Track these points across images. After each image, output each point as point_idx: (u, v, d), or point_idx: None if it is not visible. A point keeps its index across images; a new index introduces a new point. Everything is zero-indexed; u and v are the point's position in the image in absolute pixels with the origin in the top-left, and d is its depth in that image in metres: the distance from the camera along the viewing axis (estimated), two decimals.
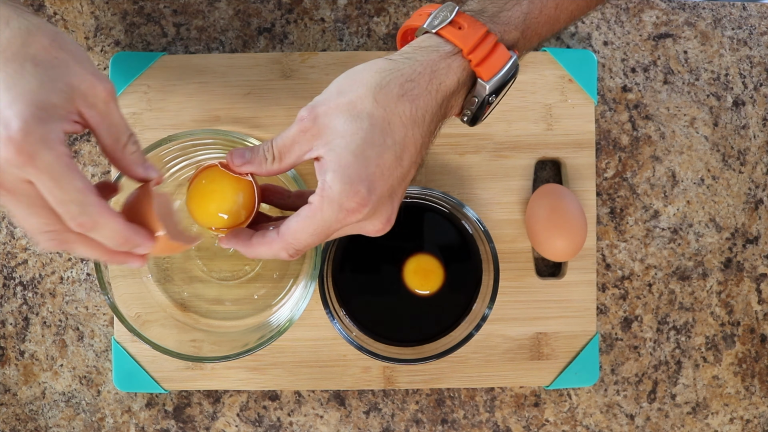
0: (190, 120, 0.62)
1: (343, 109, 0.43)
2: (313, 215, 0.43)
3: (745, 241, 0.65)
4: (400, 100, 0.43)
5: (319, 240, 0.44)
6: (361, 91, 0.43)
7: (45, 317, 0.64)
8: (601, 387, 0.65)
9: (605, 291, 0.65)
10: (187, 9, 0.65)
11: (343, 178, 0.42)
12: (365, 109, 0.43)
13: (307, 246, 0.44)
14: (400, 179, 0.44)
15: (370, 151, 0.42)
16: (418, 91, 0.43)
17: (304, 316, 0.61)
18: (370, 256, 0.60)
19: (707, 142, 0.65)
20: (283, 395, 0.64)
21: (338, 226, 0.44)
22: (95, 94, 0.41)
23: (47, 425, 0.64)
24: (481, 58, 0.44)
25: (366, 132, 0.42)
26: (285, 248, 0.45)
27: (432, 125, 0.45)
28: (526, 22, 0.47)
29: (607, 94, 0.65)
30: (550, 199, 0.60)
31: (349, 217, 0.43)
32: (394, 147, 0.43)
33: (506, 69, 0.45)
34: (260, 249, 0.46)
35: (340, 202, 0.42)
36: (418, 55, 0.44)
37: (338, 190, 0.42)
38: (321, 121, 0.43)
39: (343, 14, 0.65)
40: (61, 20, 0.64)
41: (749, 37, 0.66)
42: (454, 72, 0.44)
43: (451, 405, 0.64)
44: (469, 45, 0.44)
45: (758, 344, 0.65)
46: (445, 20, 0.45)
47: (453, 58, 0.44)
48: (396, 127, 0.43)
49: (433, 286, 0.60)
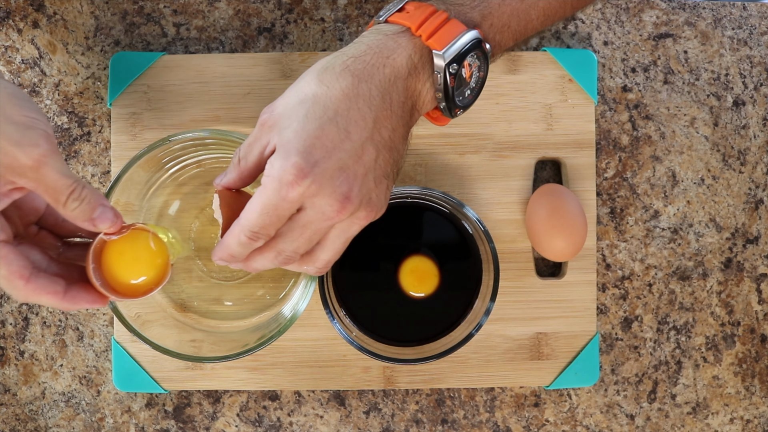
0: (190, 120, 0.62)
1: (293, 96, 0.44)
2: (258, 194, 0.44)
3: (745, 241, 0.65)
4: (342, 75, 0.44)
5: (270, 220, 0.44)
6: (309, 77, 0.45)
7: (45, 317, 0.64)
8: (601, 387, 0.65)
9: (605, 291, 0.65)
10: (187, 9, 0.65)
11: (283, 154, 0.43)
12: (310, 91, 0.44)
13: (261, 227, 0.44)
14: (351, 153, 0.44)
15: (311, 125, 0.43)
16: (362, 66, 0.44)
17: (304, 316, 0.61)
18: (369, 255, 0.60)
19: (707, 142, 0.65)
20: (283, 395, 0.64)
21: (285, 204, 0.43)
22: (20, 165, 0.42)
23: (47, 425, 0.64)
24: (431, 31, 0.45)
25: (307, 110, 0.43)
26: (242, 230, 0.45)
27: (387, 104, 0.45)
28: (485, 5, 0.47)
29: (607, 94, 0.65)
30: (550, 199, 0.60)
31: (290, 192, 0.43)
32: (336, 119, 0.43)
33: (462, 39, 0.45)
34: (228, 240, 0.46)
35: (278, 176, 0.43)
36: (365, 39, 0.46)
37: (278, 166, 0.43)
38: (276, 113, 0.45)
39: (343, 14, 0.65)
40: (61, 20, 0.64)
41: (749, 37, 0.66)
42: (403, 48, 0.45)
43: (451, 405, 0.64)
44: (416, 22, 0.45)
45: (758, 344, 0.65)
46: (394, 9, 0.47)
47: (400, 35, 0.45)
48: (338, 101, 0.44)
49: (428, 289, 0.60)
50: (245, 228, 0.45)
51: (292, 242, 0.46)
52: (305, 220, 0.45)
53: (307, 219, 0.45)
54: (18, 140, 0.42)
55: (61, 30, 0.64)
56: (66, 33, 0.64)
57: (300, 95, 0.44)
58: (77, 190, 0.44)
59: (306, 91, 0.44)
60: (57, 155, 0.43)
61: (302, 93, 0.44)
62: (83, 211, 0.45)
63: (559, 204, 0.60)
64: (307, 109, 0.43)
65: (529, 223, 0.61)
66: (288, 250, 0.46)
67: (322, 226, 0.45)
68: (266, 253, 0.46)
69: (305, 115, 0.43)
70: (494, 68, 0.62)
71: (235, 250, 0.46)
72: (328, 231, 0.46)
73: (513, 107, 0.63)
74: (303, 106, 0.44)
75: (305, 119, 0.43)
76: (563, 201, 0.60)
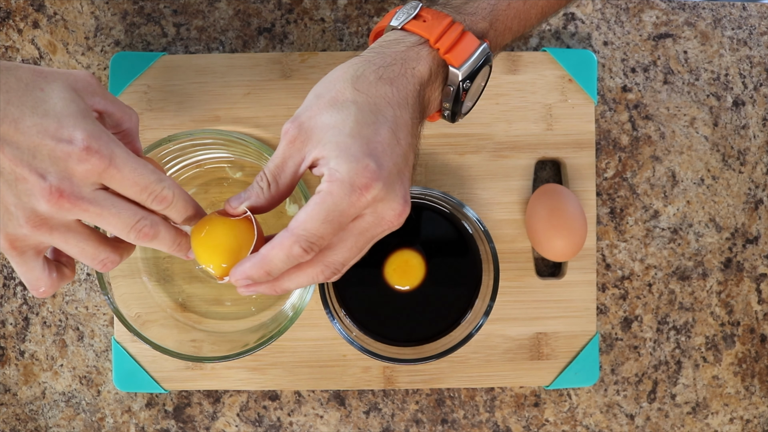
0: (190, 120, 0.62)
1: (326, 107, 0.42)
2: (323, 201, 0.40)
3: (745, 241, 0.65)
4: (379, 83, 0.43)
5: (333, 229, 0.41)
6: (339, 86, 0.43)
7: (45, 317, 0.64)
8: (601, 387, 0.65)
9: (605, 291, 0.65)
10: (187, 9, 0.65)
11: (348, 158, 0.40)
12: (348, 98, 0.42)
13: (320, 237, 0.41)
14: (403, 158, 0.43)
15: (366, 130, 0.41)
16: (394, 75, 0.44)
17: (304, 316, 0.61)
18: (369, 255, 0.60)
19: (707, 142, 0.65)
20: (283, 395, 0.64)
21: (353, 211, 0.41)
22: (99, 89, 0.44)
23: (47, 425, 0.64)
24: (449, 46, 0.45)
25: (355, 115, 0.42)
26: (297, 241, 0.41)
27: (415, 112, 0.45)
28: (493, 14, 0.47)
29: (607, 94, 0.65)
30: (550, 199, 0.60)
31: (363, 197, 0.40)
32: (387, 123, 0.42)
33: (476, 55, 0.45)
34: (273, 254, 0.41)
35: (350, 180, 0.40)
36: (387, 48, 0.45)
37: (346, 170, 0.40)
38: (306, 125, 0.42)
39: (343, 14, 0.65)
40: (61, 20, 0.64)
41: (749, 37, 0.66)
42: (425, 60, 0.45)
43: (451, 405, 0.64)
44: (434, 35, 0.45)
45: (758, 344, 0.65)
46: (410, 16, 0.46)
47: (420, 48, 0.45)
48: (383, 107, 0.43)
49: (414, 281, 0.59)
50: (302, 238, 0.40)
51: (345, 253, 0.43)
52: (363, 227, 0.42)
53: (365, 225, 0.42)
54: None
55: (61, 30, 0.64)
56: (66, 33, 0.64)
57: (335, 104, 0.42)
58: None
59: (342, 99, 0.42)
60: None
61: (338, 102, 0.42)
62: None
63: (559, 204, 0.60)
64: (355, 114, 0.42)
65: (529, 223, 0.61)
66: (338, 263, 0.43)
67: (377, 232, 0.43)
68: (309, 269, 0.43)
69: (356, 121, 0.41)
70: (494, 68, 0.63)
71: (277, 266, 0.42)
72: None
73: (513, 107, 0.63)
74: (346, 112, 0.42)
75: (357, 124, 0.41)
76: (563, 201, 0.60)
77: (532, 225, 0.61)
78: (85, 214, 0.41)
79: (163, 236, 0.43)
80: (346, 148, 0.41)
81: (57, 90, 0.41)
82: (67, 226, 0.42)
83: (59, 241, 0.42)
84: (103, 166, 0.40)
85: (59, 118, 0.40)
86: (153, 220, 0.43)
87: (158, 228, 0.43)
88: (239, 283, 0.43)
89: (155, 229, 0.43)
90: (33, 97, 0.40)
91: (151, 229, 0.42)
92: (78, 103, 0.41)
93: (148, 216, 0.42)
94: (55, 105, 0.40)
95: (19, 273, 0.44)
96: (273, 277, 0.43)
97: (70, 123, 0.40)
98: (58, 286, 0.46)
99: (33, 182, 0.39)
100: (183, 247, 0.45)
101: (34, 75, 0.41)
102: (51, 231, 0.41)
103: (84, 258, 0.43)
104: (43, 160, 0.39)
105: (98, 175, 0.40)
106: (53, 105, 0.40)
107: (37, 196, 0.40)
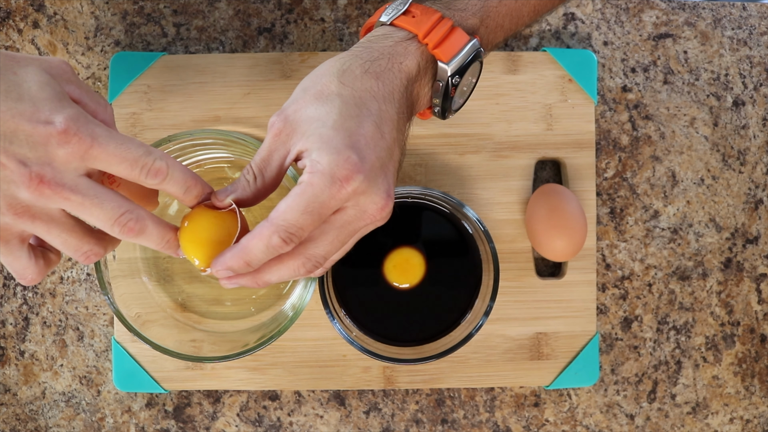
0: (190, 120, 0.62)
1: (312, 100, 0.42)
2: (303, 191, 0.40)
3: (745, 241, 0.65)
4: (365, 77, 0.43)
5: (312, 220, 0.41)
6: (325, 79, 0.43)
7: (45, 317, 0.64)
8: (601, 387, 0.65)
9: (605, 291, 0.65)
10: (187, 9, 0.65)
11: (330, 150, 0.40)
12: (333, 91, 0.42)
13: (299, 228, 0.41)
14: (387, 152, 0.43)
15: (349, 122, 0.42)
16: (381, 69, 0.44)
17: (304, 316, 0.61)
18: (369, 255, 0.60)
19: (707, 142, 0.65)
20: (283, 395, 0.64)
21: (333, 203, 0.41)
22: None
23: (47, 425, 0.64)
24: (438, 41, 0.45)
25: (339, 108, 0.42)
26: (276, 231, 0.40)
27: (402, 107, 0.44)
28: (484, 10, 0.47)
29: (607, 94, 0.65)
30: (550, 199, 0.60)
31: (343, 188, 0.40)
32: (372, 117, 0.42)
33: (465, 50, 0.45)
34: (252, 244, 0.41)
35: (331, 172, 0.40)
36: (375, 43, 0.45)
37: (327, 161, 0.40)
38: (292, 118, 0.42)
39: (343, 14, 0.65)
40: (61, 20, 0.64)
41: (749, 37, 0.66)
42: (413, 55, 0.45)
43: (451, 405, 0.64)
44: (423, 30, 0.45)
45: (758, 344, 0.65)
46: (399, 11, 0.46)
47: (409, 43, 0.45)
48: (368, 101, 0.43)
49: (414, 279, 0.59)
50: (281, 228, 0.40)
51: (326, 246, 0.43)
52: (344, 220, 0.42)
53: (346, 219, 0.42)
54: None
55: (61, 30, 0.64)
56: (66, 33, 0.64)
57: (320, 97, 0.42)
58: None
59: (327, 92, 0.42)
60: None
61: (323, 95, 0.42)
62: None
63: (559, 204, 0.60)
64: (339, 107, 0.42)
65: (529, 223, 0.61)
66: (319, 256, 0.43)
67: (359, 226, 0.43)
68: (290, 261, 0.43)
69: (339, 113, 0.42)
70: (494, 68, 0.63)
71: (257, 256, 0.42)
72: (358, 231, 0.44)
73: (513, 107, 0.63)
74: (330, 105, 0.42)
75: (341, 117, 0.41)
76: (563, 201, 0.60)
77: (532, 225, 0.61)
78: (66, 203, 0.39)
79: (150, 232, 0.41)
80: (328, 140, 0.41)
81: (31, 74, 0.40)
82: (50, 215, 0.40)
83: (42, 231, 0.41)
84: (84, 147, 0.39)
85: (35, 101, 0.39)
86: (139, 214, 0.41)
87: (145, 223, 0.41)
88: (220, 274, 0.43)
89: (141, 224, 0.41)
90: (6, 81, 0.39)
91: (136, 223, 0.41)
92: (54, 86, 0.40)
93: (135, 209, 0.41)
94: (30, 88, 0.39)
95: (5, 262, 0.43)
96: (253, 268, 0.42)
97: (47, 106, 0.39)
98: (45, 272, 0.44)
99: (12, 168, 0.38)
100: (172, 244, 0.43)
101: (6, 60, 0.40)
102: (33, 219, 0.40)
103: (67, 249, 0.42)
104: (21, 145, 0.38)
105: (80, 158, 0.39)
106: (27, 88, 0.39)
107: (18, 183, 0.38)
